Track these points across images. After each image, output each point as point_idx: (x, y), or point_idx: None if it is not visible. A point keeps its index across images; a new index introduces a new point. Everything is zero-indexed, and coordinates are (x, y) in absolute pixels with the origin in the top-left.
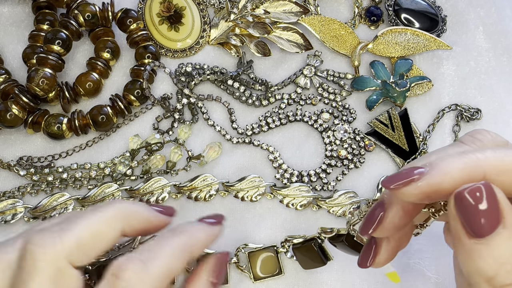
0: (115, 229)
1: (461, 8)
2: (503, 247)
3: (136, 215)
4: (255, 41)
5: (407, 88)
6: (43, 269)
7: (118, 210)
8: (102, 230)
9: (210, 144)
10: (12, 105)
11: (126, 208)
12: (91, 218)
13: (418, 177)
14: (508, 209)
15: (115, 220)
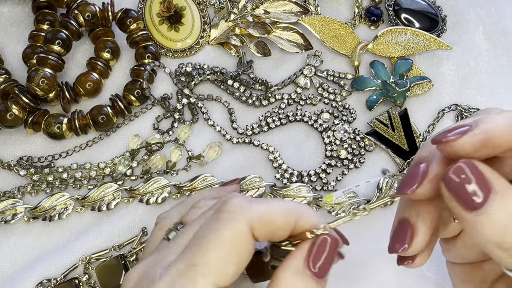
0: (289, 221)
1: (461, 8)
2: (501, 211)
3: (308, 215)
4: (255, 41)
5: (407, 88)
6: (234, 224)
7: (296, 207)
8: (277, 216)
9: (210, 144)
10: (12, 105)
11: (301, 207)
12: (276, 202)
13: (473, 126)
14: (494, 177)
15: (289, 214)
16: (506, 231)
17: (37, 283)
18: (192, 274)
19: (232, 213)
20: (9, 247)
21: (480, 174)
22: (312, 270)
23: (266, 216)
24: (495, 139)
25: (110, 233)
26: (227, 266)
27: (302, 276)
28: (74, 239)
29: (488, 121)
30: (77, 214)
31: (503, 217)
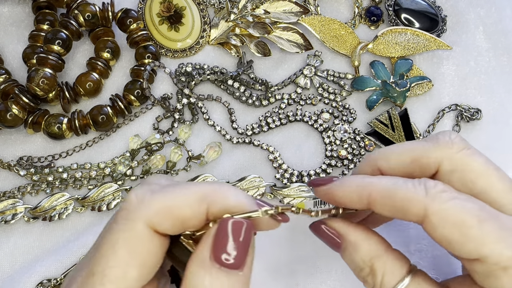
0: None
1: (461, 8)
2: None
3: (222, 201)
4: (255, 41)
5: (407, 88)
6: (129, 225)
7: (207, 190)
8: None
9: (210, 144)
10: (12, 105)
11: (216, 192)
12: (184, 189)
13: (326, 183)
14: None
15: (199, 201)
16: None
17: (37, 283)
18: (92, 285)
19: (127, 211)
20: (9, 247)
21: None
22: (222, 261)
23: (167, 211)
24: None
25: None
26: (128, 271)
27: (209, 270)
28: (74, 239)
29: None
30: (77, 214)
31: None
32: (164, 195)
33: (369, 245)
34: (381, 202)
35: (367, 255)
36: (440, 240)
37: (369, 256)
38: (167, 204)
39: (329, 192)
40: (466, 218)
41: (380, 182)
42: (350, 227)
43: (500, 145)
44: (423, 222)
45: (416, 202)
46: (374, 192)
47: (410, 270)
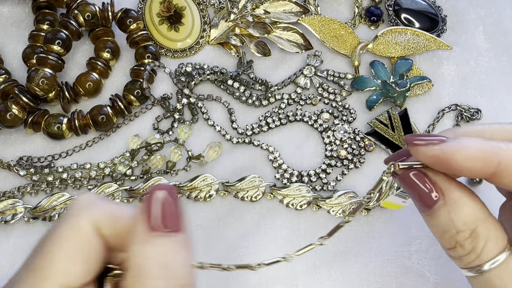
0: None
1: (461, 8)
2: (443, 218)
3: None
4: (255, 41)
5: (407, 88)
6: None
7: None
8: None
9: (210, 144)
10: (12, 105)
11: None
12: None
13: (437, 142)
14: (449, 187)
15: None
16: (444, 236)
17: None
18: (35, 280)
19: (75, 210)
20: (9, 247)
21: (433, 184)
22: (159, 228)
23: (110, 213)
24: (454, 163)
25: None
26: (73, 266)
27: (149, 240)
28: None
29: (456, 143)
30: None
31: (444, 224)
32: (109, 201)
33: (475, 205)
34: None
35: (471, 216)
36: None
37: (473, 217)
38: (111, 208)
39: (444, 154)
40: None
41: (510, 149)
42: (453, 183)
43: None
44: None
45: None
46: (505, 160)
47: (509, 243)
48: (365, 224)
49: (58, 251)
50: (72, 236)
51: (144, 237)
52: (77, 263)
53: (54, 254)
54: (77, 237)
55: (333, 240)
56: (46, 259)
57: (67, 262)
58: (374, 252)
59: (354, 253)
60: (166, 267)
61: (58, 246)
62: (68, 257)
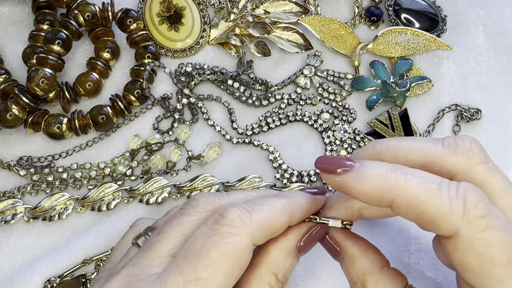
0: (284, 221)
1: (461, 8)
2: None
3: (299, 208)
4: (255, 41)
5: (407, 88)
6: (237, 238)
7: (288, 203)
8: (274, 221)
9: (210, 144)
10: (12, 105)
11: (293, 202)
12: (271, 206)
13: (339, 173)
14: (346, 244)
15: (284, 214)
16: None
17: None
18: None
19: (234, 228)
20: (9, 247)
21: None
22: (300, 254)
23: (266, 226)
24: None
25: (110, 234)
26: (230, 280)
27: (292, 255)
28: (74, 239)
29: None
30: (77, 214)
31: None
32: (260, 211)
33: (365, 261)
34: (406, 210)
35: (361, 271)
36: (456, 262)
37: (362, 272)
38: (266, 221)
39: (344, 184)
40: (496, 255)
41: (407, 186)
42: (350, 240)
43: (500, 145)
44: (446, 241)
45: (448, 221)
46: (399, 198)
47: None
48: (365, 224)
49: (221, 267)
50: (234, 253)
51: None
52: (234, 277)
53: (217, 268)
54: (239, 253)
55: None
56: (207, 271)
57: (228, 277)
58: None
59: None
60: (286, 277)
61: (221, 261)
62: (230, 272)
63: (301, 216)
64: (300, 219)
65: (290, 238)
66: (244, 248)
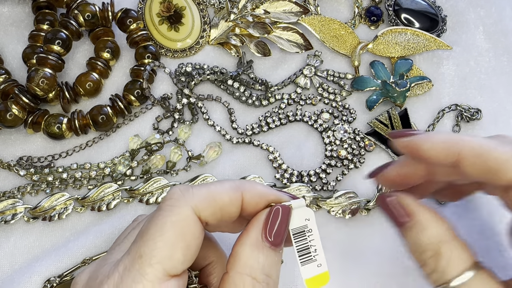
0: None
1: (461, 8)
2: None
3: (253, 188)
4: (255, 41)
5: (407, 88)
6: (176, 209)
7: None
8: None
9: (210, 144)
10: (12, 105)
11: (247, 182)
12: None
13: (409, 134)
14: (417, 210)
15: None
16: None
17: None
18: (139, 266)
19: (173, 200)
20: (9, 247)
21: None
22: (270, 240)
23: (209, 196)
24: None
25: (110, 233)
26: (175, 252)
27: (261, 248)
28: (74, 239)
29: (423, 135)
30: (77, 214)
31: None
32: (205, 186)
33: (439, 227)
34: (472, 159)
35: (435, 238)
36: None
37: (437, 239)
38: (209, 192)
39: (414, 144)
40: None
41: (472, 140)
42: (422, 207)
43: None
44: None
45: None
46: (466, 149)
47: (475, 264)
48: (365, 224)
49: (161, 238)
50: (174, 224)
51: (258, 243)
52: (179, 249)
53: (157, 241)
54: (179, 224)
55: (333, 240)
56: (149, 246)
57: (170, 249)
58: (374, 252)
59: (354, 253)
60: (269, 275)
61: (161, 233)
62: (171, 244)
63: (255, 196)
64: (256, 203)
65: (251, 230)
66: (184, 218)
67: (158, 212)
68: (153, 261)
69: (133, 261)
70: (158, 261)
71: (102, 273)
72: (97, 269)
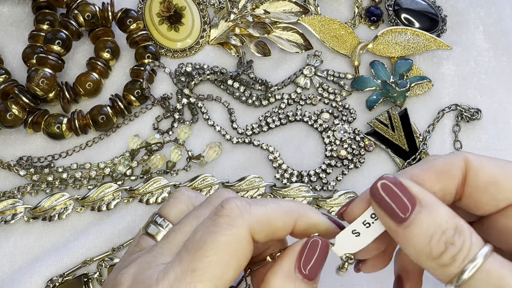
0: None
1: (461, 8)
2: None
3: (308, 215)
4: (255, 41)
5: (407, 88)
6: (234, 230)
7: (295, 206)
8: (276, 218)
9: (210, 144)
10: (12, 105)
11: (302, 207)
12: (276, 203)
13: None
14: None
15: (288, 215)
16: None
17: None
18: (190, 280)
19: (231, 218)
20: (9, 247)
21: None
22: (303, 273)
23: (266, 220)
24: None
25: (110, 233)
26: (227, 272)
27: (293, 280)
28: (74, 239)
29: None
30: (77, 214)
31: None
32: (261, 206)
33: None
34: None
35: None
36: None
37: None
38: (266, 214)
39: None
40: None
41: None
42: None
43: (500, 145)
44: None
45: None
46: None
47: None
48: None
49: (215, 258)
50: (230, 244)
51: (291, 275)
52: (232, 269)
53: (211, 260)
54: (235, 245)
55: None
56: (203, 263)
57: (224, 268)
58: None
59: None
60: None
61: (216, 252)
62: (225, 264)
63: (306, 224)
64: (305, 229)
65: (285, 260)
66: (240, 240)
67: (215, 227)
68: (205, 278)
69: (185, 273)
70: (209, 279)
71: (149, 278)
72: (142, 271)
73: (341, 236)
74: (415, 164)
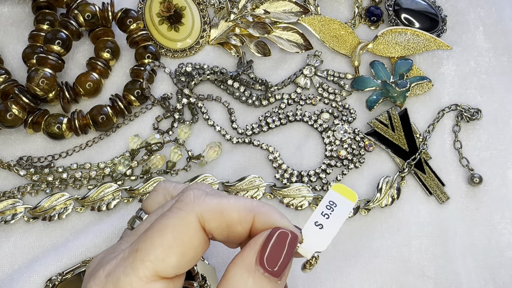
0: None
1: (461, 8)
2: None
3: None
4: (255, 41)
5: (407, 88)
6: (181, 214)
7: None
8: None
9: (210, 144)
10: (12, 105)
11: (265, 206)
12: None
13: None
14: None
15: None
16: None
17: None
18: (132, 259)
19: (183, 204)
20: (9, 247)
21: None
22: (266, 268)
23: (219, 209)
24: None
25: (110, 233)
26: (169, 255)
27: (253, 273)
28: (74, 239)
29: None
30: (77, 214)
31: None
32: (218, 197)
33: None
34: None
35: None
36: None
37: None
38: (220, 205)
39: None
40: None
41: None
42: None
43: (500, 145)
44: None
45: None
46: None
47: None
48: (365, 224)
49: (158, 239)
50: (175, 228)
51: (250, 267)
52: (174, 254)
53: (154, 240)
54: (180, 229)
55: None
56: (147, 243)
57: (166, 251)
58: (374, 252)
59: (354, 253)
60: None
61: (160, 234)
62: (167, 246)
63: (268, 223)
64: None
65: (246, 251)
66: (186, 224)
67: (167, 212)
68: (146, 258)
69: (130, 253)
70: (150, 260)
71: (107, 260)
72: (106, 256)
73: (306, 230)
74: None
